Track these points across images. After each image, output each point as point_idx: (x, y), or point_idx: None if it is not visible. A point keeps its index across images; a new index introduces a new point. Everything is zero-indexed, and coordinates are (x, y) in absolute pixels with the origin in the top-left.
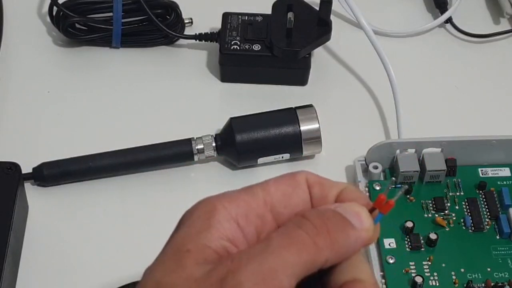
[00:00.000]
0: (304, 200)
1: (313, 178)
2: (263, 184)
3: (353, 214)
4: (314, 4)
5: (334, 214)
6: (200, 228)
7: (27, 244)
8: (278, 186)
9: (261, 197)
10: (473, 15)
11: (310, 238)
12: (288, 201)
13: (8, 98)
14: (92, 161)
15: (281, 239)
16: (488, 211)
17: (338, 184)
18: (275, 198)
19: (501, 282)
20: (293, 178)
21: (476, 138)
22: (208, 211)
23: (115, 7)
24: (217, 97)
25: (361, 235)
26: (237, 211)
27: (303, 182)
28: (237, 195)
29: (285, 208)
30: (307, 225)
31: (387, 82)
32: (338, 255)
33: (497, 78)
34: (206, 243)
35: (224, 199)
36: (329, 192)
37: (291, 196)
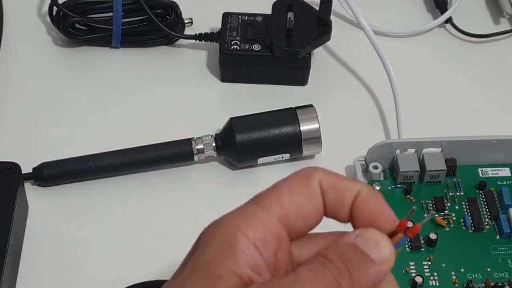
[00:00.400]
0: (317, 210)
1: (327, 181)
2: (276, 195)
3: (373, 246)
4: (314, 4)
5: (354, 251)
6: (225, 254)
7: (27, 244)
8: (292, 196)
9: (276, 212)
10: (473, 15)
11: (335, 280)
12: (302, 213)
13: (8, 98)
14: (92, 161)
15: (309, 275)
16: (488, 211)
17: (353, 187)
18: (289, 212)
19: (501, 282)
20: (307, 184)
21: (476, 138)
22: (230, 238)
23: (115, 7)
24: (217, 97)
25: (381, 268)
26: (254, 235)
27: (316, 188)
28: (252, 215)
29: (297, 220)
30: (331, 266)
31: (387, 82)
32: None
33: (497, 78)
34: (234, 270)
35: (241, 222)
36: (344, 198)
37: (305, 207)
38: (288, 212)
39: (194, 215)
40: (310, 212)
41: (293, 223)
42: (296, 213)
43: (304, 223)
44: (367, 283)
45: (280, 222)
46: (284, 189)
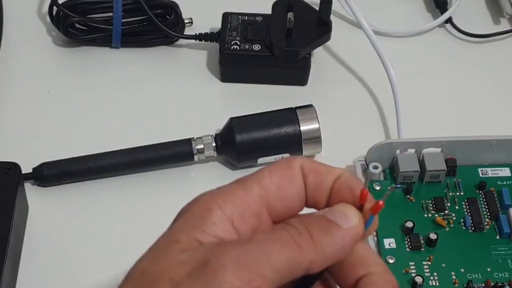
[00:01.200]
0: (299, 191)
1: (309, 165)
2: (258, 177)
3: (339, 215)
4: (314, 4)
5: (318, 218)
6: (194, 224)
7: (27, 244)
8: (273, 178)
9: (257, 192)
10: (473, 15)
11: (293, 239)
12: (283, 194)
13: (8, 98)
14: (92, 161)
15: (266, 236)
16: (488, 211)
17: (334, 171)
18: (270, 192)
19: (501, 282)
20: (288, 167)
21: (476, 138)
22: (204, 210)
23: (115, 7)
24: (217, 97)
25: (348, 232)
26: (232, 211)
27: (298, 171)
28: (232, 192)
29: (279, 201)
30: (291, 228)
31: (387, 82)
32: (324, 256)
33: (497, 78)
34: (198, 237)
35: (220, 197)
36: (325, 180)
37: (286, 188)
38: (269, 193)
39: None
40: (292, 194)
41: (275, 204)
42: (277, 194)
43: (286, 204)
44: (332, 247)
45: (261, 201)
46: (265, 171)
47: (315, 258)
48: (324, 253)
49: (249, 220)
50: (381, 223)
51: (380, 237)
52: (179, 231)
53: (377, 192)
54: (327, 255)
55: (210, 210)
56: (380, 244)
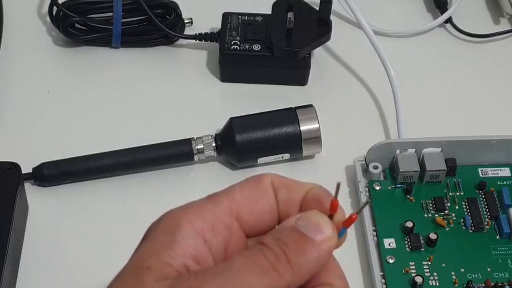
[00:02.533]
0: (271, 205)
1: (279, 180)
2: (228, 191)
3: (313, 227)
4: (314, 4)
5: (291, 235)
6: (163, 243)
7: (27, 244)
8: (243, 192)
9: (227, 205)
10: (473, 15)
11: (271, 265)
12: (254, 207)
13: (8, 98)
14: (92, 161)
15: (244, 261)
16: (488, 211)
17: (305, 185)
18: (240, 205)
19: (501, 282)
20: (259, 182)
21: (476, 138)
22: (173, 226)
23: (115, 7)
24: (217, 97)
25: (322, 247)
26: (202, 225)
27: (268, 186)
28: (202, 206)
29: (251, 215)
30: (268, 252)
31: (387, 82)
32: (301, 275)
33: (497, 78)
34: (168, 260)
35: (189, 211)
36: (295, 194)
37: (257, 202)
38: (240, 206)
39: None
40: (263, 208)
41: (247, 218)
42: (248, 207)
43: (258, 218)
44: (308, 265)
45: (231, 215)
46: (236, 186)
47: (292, 280)
48: (301, 273)
49: (220, 232)
50: (381, 223)
51: (380, 237)
52: (149, 255)
53: (378, 193)
54: (304, 274)
55: (179, 225)
56: (380, 244)
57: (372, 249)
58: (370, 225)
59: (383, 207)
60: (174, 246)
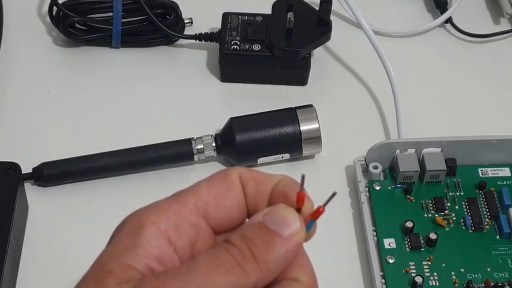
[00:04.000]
0: (238, 201)
1: (247, 174)
2: (194, 188)
3: (280, 221)
4: (314, 4)
5: (258, 231)
6: (126, 246)
7: (27, 244)
8: (210, 188)
9: (192, 203)
10: (473, 15)
11: (236, 262)
12: (222, 204)
13: (8, 98)
14: (92, 161)
15: (209, 260)
16: (488, 211)
17: (273, 178)
18: (207, 202)
19: (501, 282)
20: (226, 177)
21: (476, 138)
22: (136, 228)
23: (115, 7)
24: (217, 97)
25: (290, 242)
26: (166, 225)
27: (236, 180)
28: (166, 206)
29: (218, 212)
30: (233, 249)
31: (387, 82)
32: (269, 272)
33: (497, 78)
34: (131, 263)
35: (153, 212)
36: (264, 188)
37: (225, 198)
38: (207, 203)
39: None
40: (231, 203)
41: (214, 214)
42: (215, 204)
43: (225, 214)
44: (276, 261)
45: (198, 213)
46: (202, 183)
47: (260, 277)
48: (269, 270)
49: (186, 232)
50: (381, 223)
51: (380, 237)
52: (111, 258)
53: (377, 192)
54: (272, 270)
55: (143, 227)
56: (380, 244)
57: (372, 249)
58: (370, 225)
59: (383, 207)
60: (137, 248)
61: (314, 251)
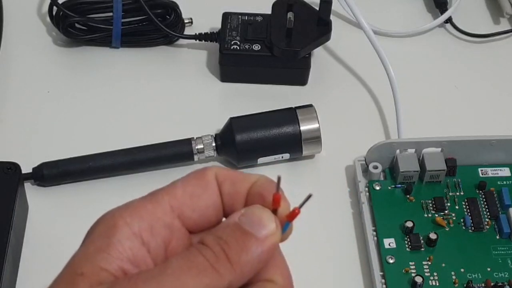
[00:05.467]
0: (214, 200)
1: (223, 173)
2: (169, 188)
3: (255, 222)
4: (314, 4)
5: (233, 232)
6: (98, 248)
7: (27, 244)
8: (185, 188)
9: (167, 203)
10: (473, 15)
11: (209, 264)
12: (197, 204)
13: (8, 98)
14: (92, 161)
15: (181, 262)
16: (488, 211)
17: (250, 177)
18: (182, 202)
19: (501, 282)
20: (202, 177)
21: (476, 138)
22: (109, 228)
23: (115, 7)
24: (217, 97)
25: (265, 243)
26: (140, 225)
27: (212, 180)
28: (140, 205)
29: (193, 212)
30: (207, 251)
31: (387, 82)
32: (243, 274)
33: (497, 78)
34: (103, 265)
35: (126, 212)
36: (240, 188)
37: (200, 198)
38: (182, 203)
39: None
40: (206, 203)
41: (189, 214)
42: (190, 204)
43: (202, 214)
44: (251, 262)
45: (173, 213)
46: (178, 183)
47: (233, 279)
48: (243, 272)
49: (160, 232)
50: (381, 223)
51: (380, 237)
52: (83, 260)
53: (377, 192)
54: (247, 271)
55: (116, 227)
56: (380, 244)
57: (372, 249)
58: (370, 225)
59: (383, 207)
60: (110, 249)
61: (314, 251)
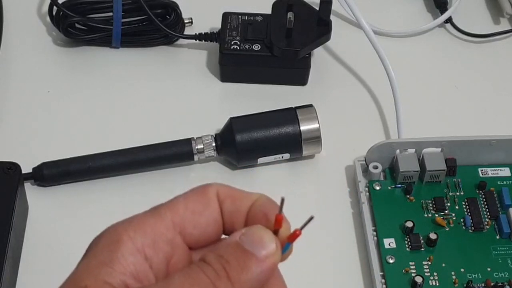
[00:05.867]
0: (215, 218)
1: (225, 191)
2: (172, 204)
3: (256, 242)
4: (314, 4)
5: (234, 251)
6: (102, 261)
7: (27, 244)
8: (187, 204)
9: (169, 219)
10: (473, 15)
11: (211, 283)
12: (198, 220)
13: (8, 98)
14: (92, 161)
15: (183, 279)
16: (488, 211)
17: (251, 196)
18: (184, 218)
19: (501, 282)
20: (203, 194)
21: (476, 138)
22: (113, 243)
23: (115, 7)
24: (217, 97)
25: (265, 263)
26: (143, 240)
27: (213, 197)
28: (144, 221)
29: (194, 228)
30: (208, 269)
31: (387, 82)
32: None
33: (497, 78)
34: (106, 279)
35: (131, 227)
36: (240, 206)
37: (202, 215)
38: (183, 219)
39: None
40: (208, 220)
41: (190, 231)
42: (192, 220)
43: (202, 231)
44: (251, 282)
45: (175, 229)
46: (180, 199)
47: None
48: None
49: (162, 248)
50: (381, 223)
51: (380, 237)
52: (86, 273)
53: (377, 192)
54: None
55: (120, 242)
56: (380, 244)
57: (372, 249)
58: (370, 225)
59: (383, 207)
60: (113, 264)
61: (314, 251)
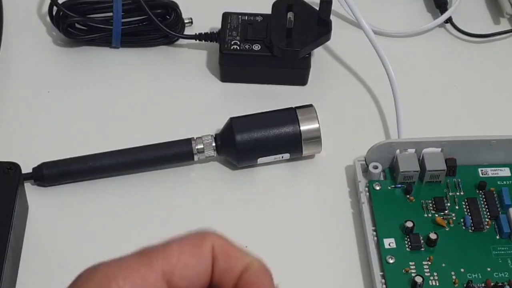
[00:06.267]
0: (205, 272)
1: (221, 246)
2: (165, 251)
3: None
4: (314, 4)
5: None
6: None
7: (27, 244)
8: (181, 255)
9: (160, 269)
10: (473, 15)
11: None
12: (188, 273)
13: (8, 98)
14: (92, 161)
15: None
16: (488, 211)
17: (245, 258)
18: (175, 270)
19: (501, 282)
20: (199, 245)
21: (476, 138)
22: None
23: (115, 7)
24: (217, 97)
25: None
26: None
27: (208, 251)
28: (134, 268)
29: (182, 280)
30: None
31: (387, 82)
32: None
33: (497, 78)
34: None
35: (120, 273)
36: (234, 266)
37: (193, 269)
38: (174, 270)
39: (194, 215)
40: (197, 273)
41: (177, 282)
42: (182, 272)
43: (189, 283)
44: None
45: (163, 279)
46: (175, 247)
47: None
48: None
49: None
50: (381, 223)
51: (380, 237)
52: None
53: (377, 192)
54: None
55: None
56: (380, 244)
57: (372, 249)
58: (370, 225)
59: (383, 207)
60: None
61: (314, 251)
